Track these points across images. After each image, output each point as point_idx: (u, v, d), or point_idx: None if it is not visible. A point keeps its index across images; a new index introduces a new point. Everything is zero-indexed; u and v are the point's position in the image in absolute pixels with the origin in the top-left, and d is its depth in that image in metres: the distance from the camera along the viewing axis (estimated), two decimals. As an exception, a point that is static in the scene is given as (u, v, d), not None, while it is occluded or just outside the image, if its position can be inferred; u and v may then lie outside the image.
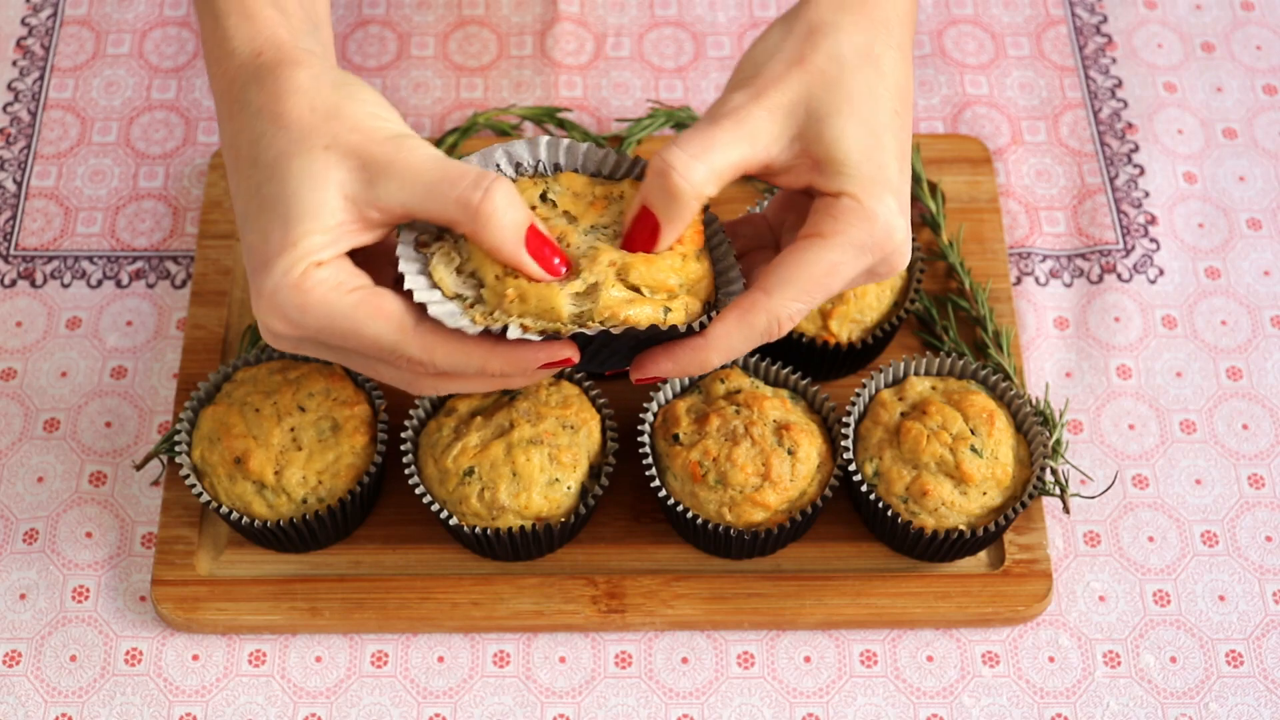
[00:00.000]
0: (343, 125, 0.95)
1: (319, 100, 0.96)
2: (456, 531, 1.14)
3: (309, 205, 0.93)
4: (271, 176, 0.95)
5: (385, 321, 0.94)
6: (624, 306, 0.94)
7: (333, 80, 0.98)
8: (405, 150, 0.94)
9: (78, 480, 1.21)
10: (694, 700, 1.14)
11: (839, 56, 0.97)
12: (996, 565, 1.17)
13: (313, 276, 0.93)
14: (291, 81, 0.96)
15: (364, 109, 0.96)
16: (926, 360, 1.18)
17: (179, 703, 1.13)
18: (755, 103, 0.96)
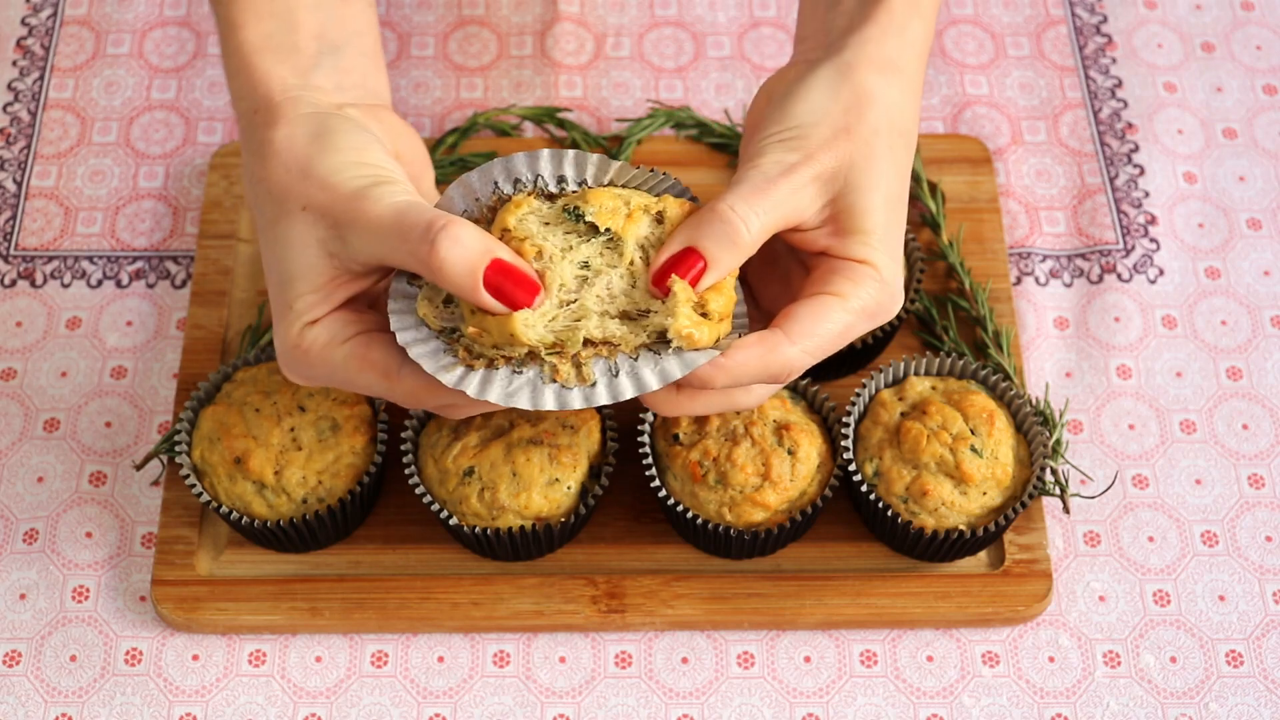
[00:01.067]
0: (313, 184, 0.98)
1: (292, 160, 0.99)
2: (456, 531, 1.14)
3: (297, 268, 0.98)
4: (268, 241, 1.00)
5: (372, 372, 0.99)
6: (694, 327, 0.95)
7: (311, 131, 1.00)
8: (367, 204, 0.95)
9: (78, 480, 1.21)
10: (694, 700, 1.14)
11: (879, 130, 1.00)
12: (996, 565, 1.17)
13: (308, 336, 0.99)
14: (271, 145, 1.00)
15: (335, 160, 0.98)
16: (926, 360, 1.18)
17: (179, 703, 1.13)
18: (806, 166, 0.98)
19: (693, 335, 0.94)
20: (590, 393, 0.95)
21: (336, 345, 0.99)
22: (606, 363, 0.95)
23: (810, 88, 1.01)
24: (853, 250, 0.99)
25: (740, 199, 0.96)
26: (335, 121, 1.01)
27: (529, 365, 0.95)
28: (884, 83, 1.01)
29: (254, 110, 1.03)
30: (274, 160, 0.99)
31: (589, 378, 0.95)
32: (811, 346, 0.98)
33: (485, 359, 0.95)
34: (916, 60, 1.05)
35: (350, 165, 0.98)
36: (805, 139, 0.98)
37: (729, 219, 0.95)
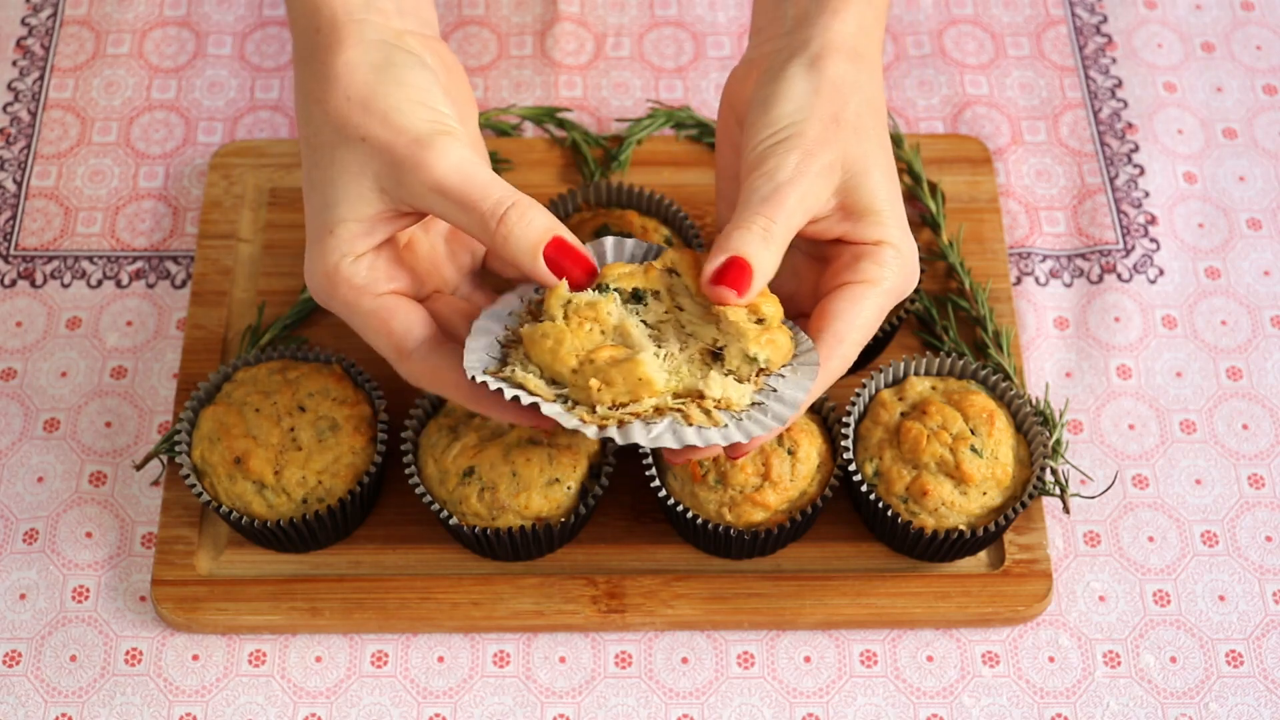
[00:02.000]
0: (373, 118, 0.98)
1: (354, 88, 0.99)
2: (456, 531, 1.14)
3: (346, 195, 0.99)
4: (318, 161, 1.00)
5: (387, 339, 1.00)
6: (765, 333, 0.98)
7: (374, 62, 1.00)
8: (431, 155, 0.97)
9: (78, 480, 1.21)
10: (694, 700, 1.14)
11: (862, 113, 1.02)
12: (996, 565, 1.17)
13: (343, 270, 1.00)
14: (333, 69, 1.00)
15: (399, 97, 0.99)
16: (926, 360, 1.18)
17: (179, 703, 1.13)
18: (811, 162, 0.99)
19: (775, 341, 0.97)
20: (726, 432, 0.97)
21: (366, 294, 1.00)
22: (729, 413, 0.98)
23: (789, 85, 1.02)
24: (868, 233, 1.01)
25: (764, 205, 0.98)
26: (400, 55, 1.01)
27: (659, 419, 0.97)
28: (853, 69, 1.03)
29: (315, 29, 1.03)
30: (335, 85, 0.99)
31: (719, 421, 0.97)
32: (859, 337, 1.01)
33: (612, 420, 0.97)
34: (874, 43, 1.07)
35: (414, 105, 0.99)
36: (801, 136, 1.00)
37: (760, 224, 0.97)
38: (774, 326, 0.98)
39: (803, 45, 1.04)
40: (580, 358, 0.98)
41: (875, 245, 1.01)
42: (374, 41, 1.01)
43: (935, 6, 1.46)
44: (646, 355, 0.97)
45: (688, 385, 0.98)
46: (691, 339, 0.99)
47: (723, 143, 1.09)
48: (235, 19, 1.45)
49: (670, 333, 1.00)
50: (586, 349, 0.98)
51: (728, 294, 0.96)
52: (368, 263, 1.00)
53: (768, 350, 0.97)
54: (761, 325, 0.98)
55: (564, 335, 0.98)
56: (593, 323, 0.98)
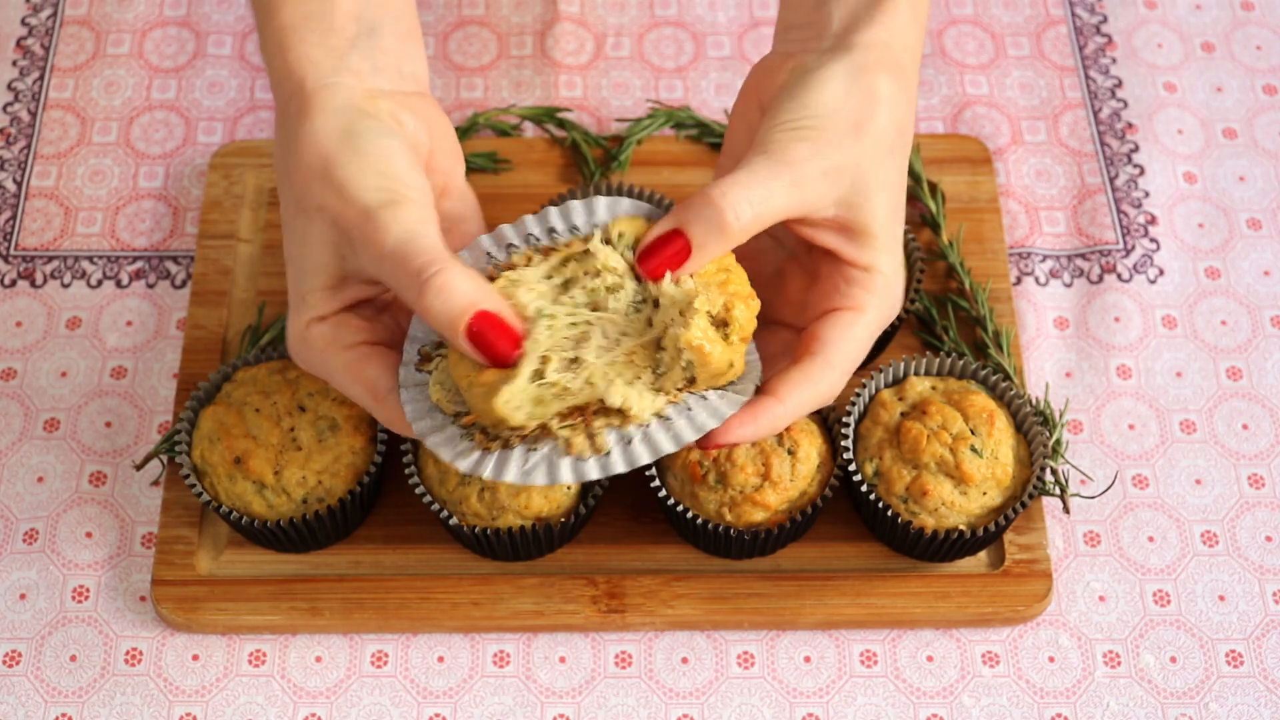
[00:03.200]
0: (330, 189, 0.98)
1: (316, 158, 0.99)
2: (456, 531, 1.14)
3: (311, 264, 1.00)
4: (289, 231, 1.02)
5: (362, 388, 1.01)
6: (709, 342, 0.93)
7: (336, 130, 0.99)
8: (374, 226, 0.95)
9: (78, 480, 1.21)
10: (694, 700, 1.14)
11: (889, 131, 1.00)
12: (996, 565, 1.17)
13: (314, 331, 1.01)
14: (298, 137, 1.00)
15: (355, 166, 0.97)
16: (926, 360, 1.18)
17: (179, 703, 1.13)
18: (816, 160, 0.97)
19: (703, 348, 0.93)
20: (606, 461, 0.94)
21: (337, 349, 1.01)
22: (619, 432, 0.94)
23: (825, 80, 1.00)
24: (860, 256, 1.00)
25: (736, 185, 0.95)
26: (363, 123, 1.00)
27: (544, 441, 0.94)
28: (893, 85, 1.01)
29: (288, 96, 1.03)
30: (300, 155, 0.99)
31: (603, 447, 0.94)
32: (849, 366, 1.01)
33: (501, 440, 0.95)
34: (916, 62, 1.05)
35: (369, 175, 0.97)
36: (818, 130, 0.98)
37: (717, 204, 0.94)
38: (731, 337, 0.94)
39: (849, 49, 1.02)
40: (470, 377, 0.94)
41: (866, 271, 1.00)
42: (339, 108, 1.00)
43: (935, 6, 1.46)
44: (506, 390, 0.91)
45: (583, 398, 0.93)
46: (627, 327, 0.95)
47: (737, 124, 1.07)
48: (235, 19, 1.45)
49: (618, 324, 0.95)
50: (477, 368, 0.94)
51: (653, 268, 0.94)
52: (333, 322, 1.01)
53: (698, 348, 0.93)
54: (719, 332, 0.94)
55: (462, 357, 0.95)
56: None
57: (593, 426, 0.94)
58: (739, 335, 0.95)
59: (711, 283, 0.95)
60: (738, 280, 0.96)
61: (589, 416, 0.94)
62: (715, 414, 0.96)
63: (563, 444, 0.94)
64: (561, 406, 0.94)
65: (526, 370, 0.92)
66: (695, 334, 0.93)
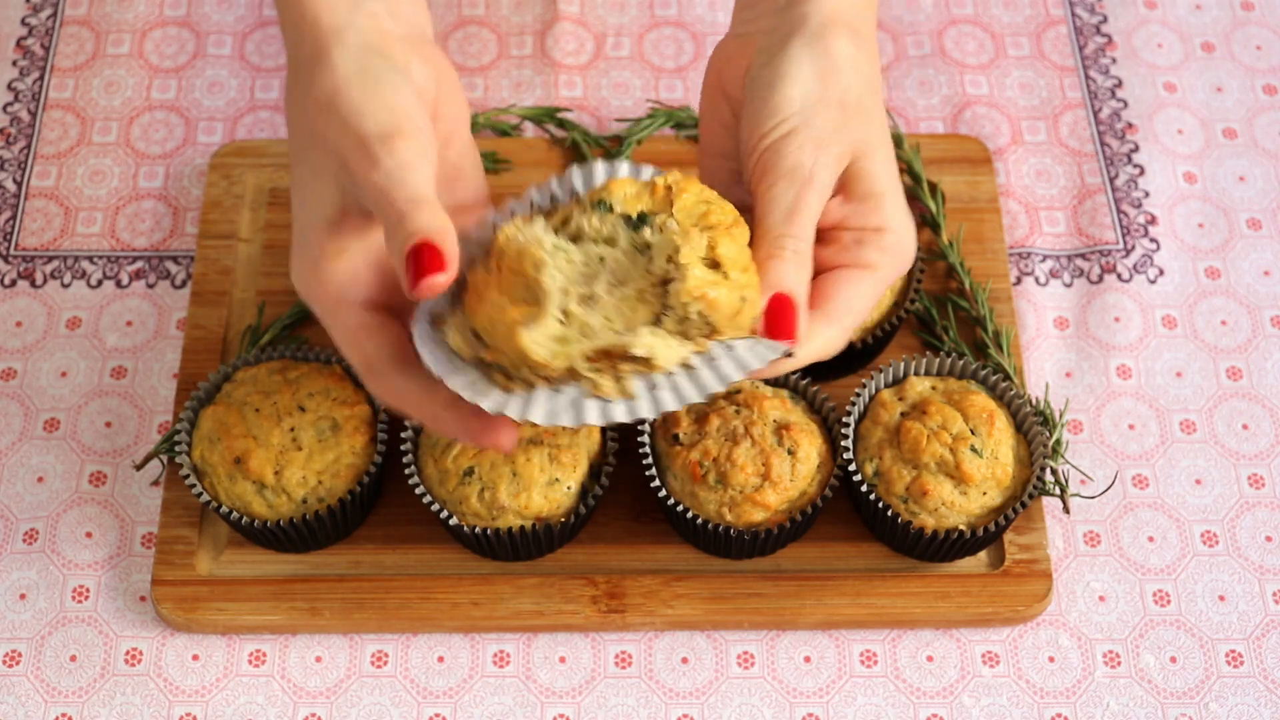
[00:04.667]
0: (334, 120, 0.97)
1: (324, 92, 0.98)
2: (456, 531, 1.14)
3: (315, 195, 0.99)
4: (295, 164, 1.01)
5: (358, 355, 0.99)
6: (710, 286, 0.91)
7: (349, 67, 0.99)
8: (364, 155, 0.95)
9: (78, 480, 1.21)
10: (694, 700, 1.14)
11: (863, 94, 1.01)
12: (996, 565, 1.17)
13: (322, 271, 0.99)
14: (312, 74, 0.99)
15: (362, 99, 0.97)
16: (926, 360, 1.18)
17: (179, 703, 1.13)
18: (821, 156, 0.99)
19: (707, 295, 0.92)
20: (633, 406, 0.93)
21: (345, 305, 0.99)
22: (646, 379, 0.93)
23: (793, 67, 1.00)
24: (870, 218, 1.01)
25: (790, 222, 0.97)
26: (376, 62, 1.00)
27: (569, 383, 0.93)
28: (854, 47, 1.02)
29: (301, 37, 1.02)
30: (311, 90, 0.99)
31: (630, 392, 0.93)
32: (851, 322, 1.00)
33: (523, 382, 0.93)
34: (870, 18, 1.06)
35: (373, 106, 0.97)
36: (810, 127, 0.99)
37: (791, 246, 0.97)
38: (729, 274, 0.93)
39: (801, 21, 1.02)
40: (494, 315, 0.93)
41: (876, 231, 1.01)
42: (354, 47, 1.00)
43: (935, 6, 1.46)
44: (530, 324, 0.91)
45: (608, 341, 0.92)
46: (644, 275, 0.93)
47: (709, 119, 1.07)
48: (235, 19, 1.45)
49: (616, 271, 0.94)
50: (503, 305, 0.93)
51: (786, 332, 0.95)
52: (349, 269, 0.99)
53: (700, 305, 0.92)
54: (716, 272, 0.92)
55: (487, 288, 0.93)
56: (516, 276, 0.93)
57: (620, 370, 0.93)
58: (736, 269, 0.93)
59: (693, 221, 0.94)
60: (718, 210, 0.96)
61: (616, 361, 0.93)
62: (740, 366, 0.94)
63: (589, 385, 0.93)
64: (585, 347, 0.92)
65: (553, 306, 0.92)
66: (693, 284, 0.92)
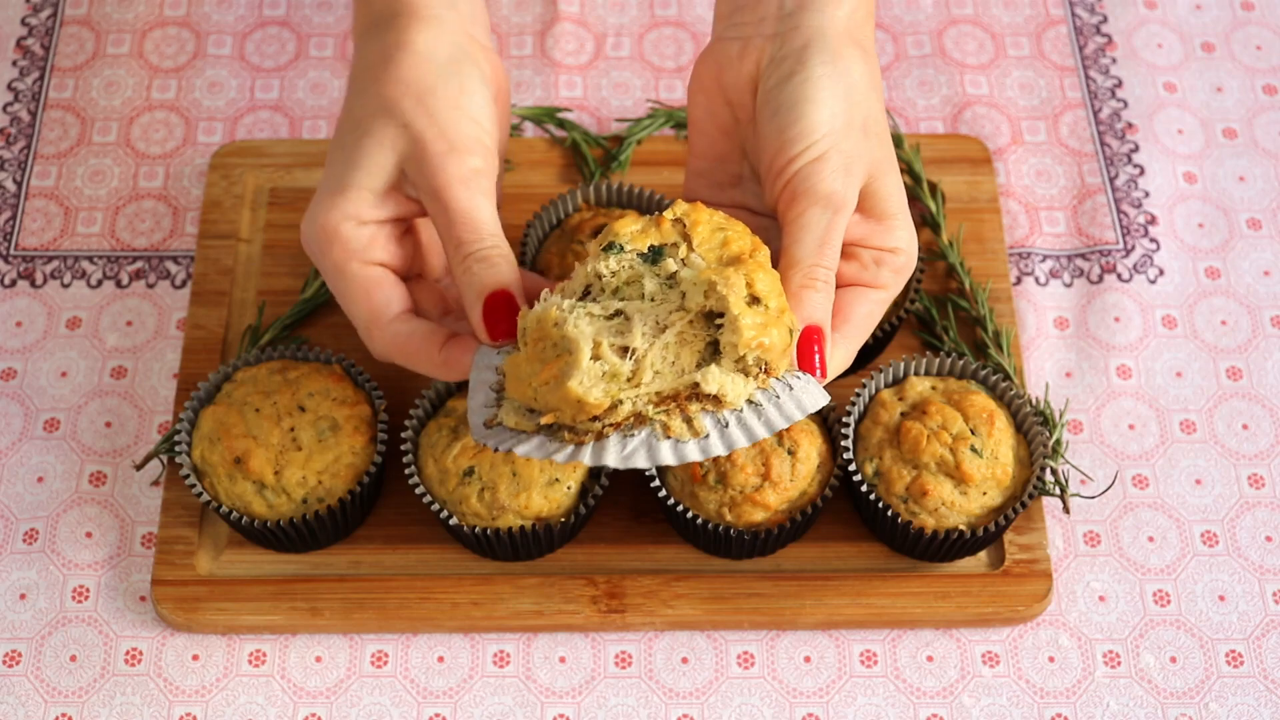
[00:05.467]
0: (422, 111, 1.01)
1: (415, 78, 1.02)
2: (456, 531, 1.14)
3: (371, 163, 1.02)
4: (355, 127, 1.03)
5: (365, 307, 1.03)
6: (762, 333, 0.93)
7: (442, 59, 1.03)
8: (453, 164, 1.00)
9: (78, 480, 1.21)
10: (694, 700, 1.14)
11: (877, 115, 1.04)
12: (996, 565, 1.17)
13: (343, 232, 1.02)
14: (400, 50, 1.03)
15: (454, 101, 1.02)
16: (926, 360, 1.18)
17: (179, 703, 1.13)
18: (851, 181, 1.01)
19: (764, 344, 0.93)
20: (706, 444, 0.94)
21: (355, 260, 1.03)
22: (714, 416, 0.94)
23: (819, 91, 1.02)
24: (886, 239, 1.03)
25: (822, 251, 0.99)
26: (467, 64, 1.04)
27: (639, 428, 0.94)
28: (865, 65, 1.04)
29: (391, 12, 1.05)
30: (398, 68, 1.02)
31: (701, 430, 0.94)
32: (862, 338, 1.03)
33: (590, 434, 0.94)
34: (871, 33, 1.08)
35: (463, 114, 1.02)
36: (839, 152, 1.01)
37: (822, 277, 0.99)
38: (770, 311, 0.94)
39: (817, 36, 1.03)
40: (534, 383, 0.94)
41: (892, 252, 1.03)
42: (448, 39, 1.04)
43: (935, 6, 1.46)
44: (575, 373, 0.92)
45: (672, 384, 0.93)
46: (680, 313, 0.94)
47: (705, 123, 1.08)
48: (235, 19, 1.45)
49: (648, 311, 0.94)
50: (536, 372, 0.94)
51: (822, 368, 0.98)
52: (369, 232, 1.03)
53: (757, 352, 0.93)
54: (758, 308, 0.93)
55: (519, 365, 0.95)
56: (542, 342, 0.94)
57: (688, 410, 0.94)
58: (774, 297, 0.94)
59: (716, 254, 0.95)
60: (736, 235, 0.97)
61: (683, 401, 0.94)
62: (800, 405, 0.96)
63: (660, 428, 0.94)
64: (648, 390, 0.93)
65: (585, 350, 0.92)
66: (748, 337, 0.93)
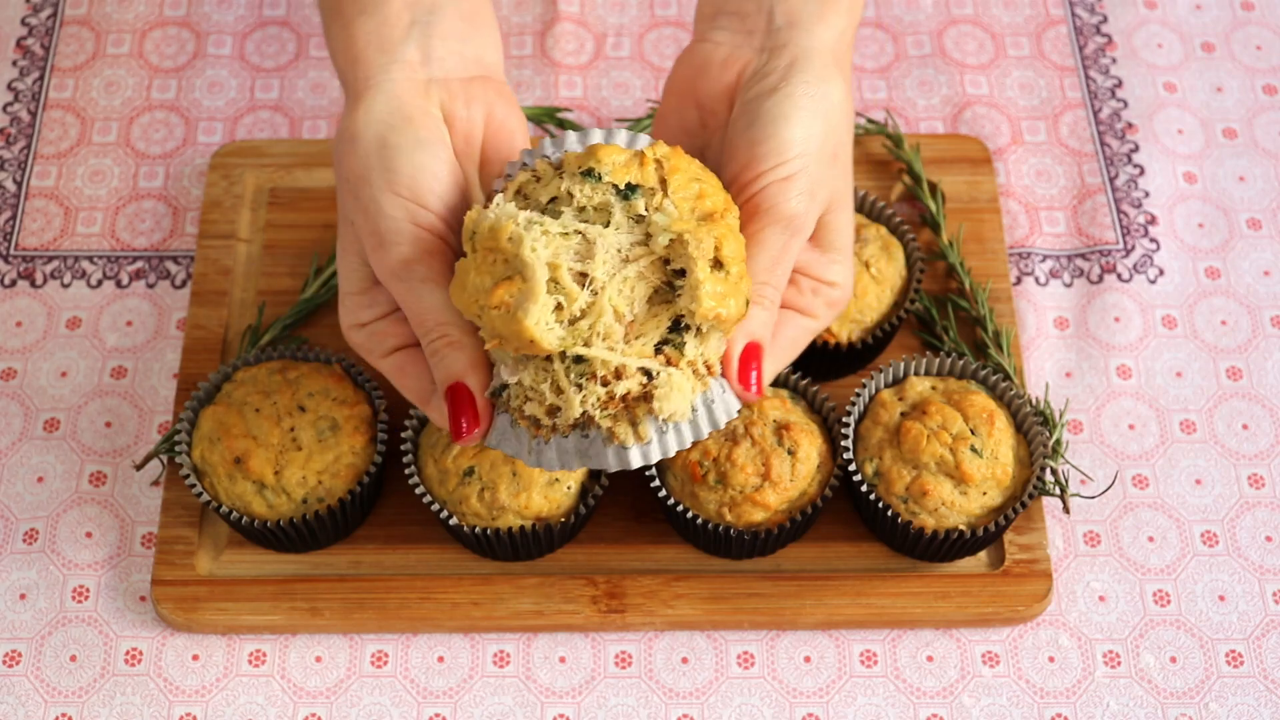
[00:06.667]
0: (359, 205, 1.00)
1: (355, 170, 1.00)
2: (456, 531, 1.14)
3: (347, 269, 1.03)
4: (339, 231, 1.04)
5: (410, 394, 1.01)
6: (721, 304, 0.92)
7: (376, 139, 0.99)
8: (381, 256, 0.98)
9: (78, 480, 1.21)
10: (694, 700, 1.14)
11: (847, 144, 1.05)
12: (996, 565, 1.17)
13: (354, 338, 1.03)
14: (346, 142, 1.01)
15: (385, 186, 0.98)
16: (926, 360, 1.18)
17: (179, 703, 1.13)
18: (813, 205, 1.01)
19: (720, 314, 0.92)
20: (647, 450, 0.95)
21: (378, 358, 1.02)
22: (658, 422, 0.95)
23: (798, 111, 1.01)
24: (826, 271, 1.04)
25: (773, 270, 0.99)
26: (401, 135, 0.99)
27: (590, 429, 0.94)
28: (843, 91, 1.04)
29: (343, 74, 1.05)
30: (345, 162, 1.01)
31: (645, 436, 0.94)
32: (786, 361, 1.03)
33: (547, 426, 0.94)
34: (850, 56, 1.08)
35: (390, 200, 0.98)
36: (806, 174, 1.00)
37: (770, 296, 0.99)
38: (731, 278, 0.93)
39: (804, 57, 1.03)
40: (480, 301, 0.92)
41: (831, 286, 1.04)
42: (380, 114, 1.00)
43: (935, 6, 1.46)
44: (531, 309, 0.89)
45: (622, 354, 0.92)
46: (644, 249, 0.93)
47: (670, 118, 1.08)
48: (235, 19, 1.45)
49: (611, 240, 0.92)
50: (485, 288, 0.92)
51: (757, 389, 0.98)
52: (369, 330, 1.02)
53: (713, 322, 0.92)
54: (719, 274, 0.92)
55: (466, 271, 0.93)
56: (494, 253, 0.92)
57: (636, 414, 0.94)
58: (736, 263, 0.94)
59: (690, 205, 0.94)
60: (711, 190, 0.95)
61: (631, 404, 0.94)
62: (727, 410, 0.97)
63: (606, 433, 0.94)
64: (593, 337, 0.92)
65: (541, 281, 0.90)
66: (707, 307, 0.92)
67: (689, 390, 0.94)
